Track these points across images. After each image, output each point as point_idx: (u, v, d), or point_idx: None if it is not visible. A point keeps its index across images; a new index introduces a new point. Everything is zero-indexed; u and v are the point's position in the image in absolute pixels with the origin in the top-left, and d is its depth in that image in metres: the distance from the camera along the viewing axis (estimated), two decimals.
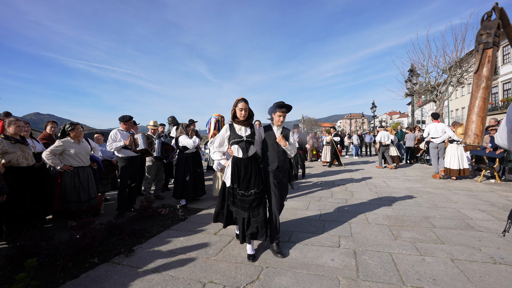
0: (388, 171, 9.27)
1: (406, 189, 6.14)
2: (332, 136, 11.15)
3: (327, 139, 11.41)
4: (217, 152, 3.03)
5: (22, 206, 3.45)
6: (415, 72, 13.34)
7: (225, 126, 2.95)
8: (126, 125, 4.68)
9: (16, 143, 3.42)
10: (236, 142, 2.84)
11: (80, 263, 2.83)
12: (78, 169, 3.88)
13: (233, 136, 2.85)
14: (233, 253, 3.01)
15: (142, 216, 4.27)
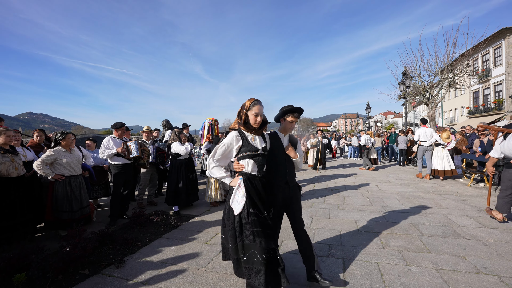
0: (381, 174, 9.38)
1: (398, 193, 6.23)
2: (321, 138, 10.91)
3: (312, 142, 11.21)
4: (217, 167, 2.33)
5: (12, 216, 3.44)
6: (408, 75, 13.50)
7: (233, 134, 2.29)
8: (118, 131, 4.68)
9: (5, 153, 3.40)
10: (250, 156, 2.27)
11: (70, 275, 2.84)
12: (70, 178, 3.87)
13: (246, 148, 2.27)
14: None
15: (134, 223, 4.28)
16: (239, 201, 2.20)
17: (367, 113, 23.58)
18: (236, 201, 2.22)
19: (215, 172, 2.32)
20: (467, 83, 13.47)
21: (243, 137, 2.30)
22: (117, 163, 4.58)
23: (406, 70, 13.68)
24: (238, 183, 2.26)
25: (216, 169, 2.33)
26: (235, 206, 2.21)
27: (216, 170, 2.32)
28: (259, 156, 2.30)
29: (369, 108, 22.64)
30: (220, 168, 2.32)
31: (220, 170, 2.32)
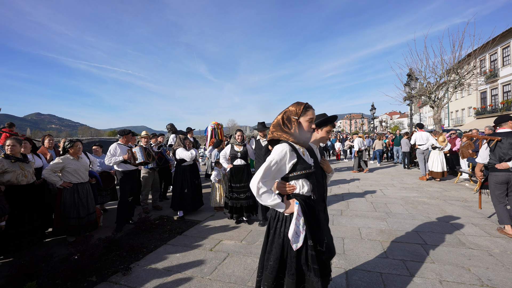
0: (385, 177, 9.33)
1: (402, 199, 6.21)
2: None
3: None
4: (268, 192, 1.73)
5: (21, 224, 3.53)
6: (413, 77, 13.39)
7: (285, 147, 1.77)
8: (125, 138, 4.76)
9: (16, 161, 3.50)
10: (305, 175, 1.82)
11: (78, 282, 2.91)
12: (77, 185, 3.96)
13: (302, 165, 1.80)
14: (227, 271, 3.08)
15: (140, 229, 4.35)
16: (299, 233, 1.75)
17: (372, 114, 23.44)
18: (296, 233, 1.74)
19: (266, 198, 1.73)
20: (474, 85, 13.31)
21: (296, 151, 1.82)
22: (124, 169, 4.66)
23: (411, 72, 13.58)
24: (297, 211, 1.77)
25: (266, 195, 1.73)
26: (294, 239, 1.73)
27: (267, 196, 1.73)
28: (313, 174, 1.86)
29: (374, 109, 22.49)
30: (271, 194, 1.74)
31: (272, 195, 1.74)
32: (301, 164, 1.80)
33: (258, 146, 4.87)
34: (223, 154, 4.92)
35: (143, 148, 4.86)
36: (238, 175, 4.72)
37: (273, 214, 1.89)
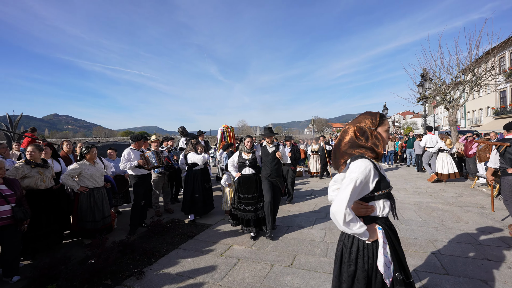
0: (398, 181, 9.15)
1: (415, 204, 6.08)
2: (324, 144, 10.12)
3: (314, 147, 10.45)
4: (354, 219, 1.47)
5: (39, 227, 3.69)
6: (427, 77, 13.05)
7: (367, 165, 1.53)
8: (137, 144, 4.89)
9: (35, 167, 3.66)
10: (386, 195, 1.61)
11: (95, 285, 3.02)
12: (93, 190, 4.10)
13: (385, 183, 1.61)
14: (238, 278, 3.12)
15: (152, 232, 4.46)
16: (389, 264, 1.51)
17: (384, 114, 23.01)
18: (386, 265, 1.49)
19: (352, 226, 1.46)
20: (492, 86, 12.83)
21: (376, 168, 1.59)
22: (137, 174, 4.79)
23: (425, 72, 13.24)
24: (381, 237, 1.53)
25: (353, 222, 1.46)
26: (386, 272, 1.48)
27: (354, 224, 1.46)
28: (390, 193, 1.65)
29: (386, 109, 22.09)
30: (357, 220, 1.47)
31: (358, 222, 1.48)
32: (383, 182, 1.59)
33: (264, 152, 4.52)
34: (231, 162, 4.60)
35: (155, 153, 4.97)
36: (246, 185, 4.37)
37: (348, 243, 1.62)
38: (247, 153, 4.49)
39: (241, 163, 4.47)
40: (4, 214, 3.04)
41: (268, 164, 4.40)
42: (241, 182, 4.40)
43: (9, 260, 3.14)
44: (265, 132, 4.65)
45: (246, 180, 4.39)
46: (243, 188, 4.39)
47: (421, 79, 13.49)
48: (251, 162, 4.45)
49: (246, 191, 4.38)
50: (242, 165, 4.46)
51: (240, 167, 4.49)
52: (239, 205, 4.42)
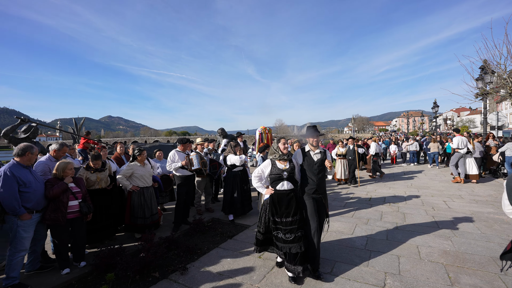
0: (451, 187, 8.30)
1: (473, 214, 5.46)
2: (355, 147, 9.12)
3: (341, 150, 9.24)
4: None
5: (96, 221, 4.16)
6: (488, 70, 11.56)
7: None
8: (183, 146, 5.22)
9: (94, 172, 4.16)
10: None
11: (145, 276, 3.32)
12: (143, 189, 4.50)
13: None
14: (276, 281, 3.16)
15: (194, 231, 4.72)
16: None
17: (434, 112, 20.98)
18: None
19: None
20: None
21: None
22: (181, 174, 5.12)
23: (486, 64, 11.74)
24: None
25: None
26: None
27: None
28: None
29: (437, 106, 20.12)
30: None
31: None
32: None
33: (308, 160, 3.33)
34: (257, 176, 3.42)
35: (199, 156, 5.25)
36: (283, 204, 3.21)
37: None
38: (283, 161, 3.29)
39: (276, 175, 3.23)
40: (73, 208, 3.51)
41: (313, 176, 3.27)
42: (277, 201, 3.22)
43: (77, 247, 3.64)
44: (307, 131, 3.41)
45: (284, 198, 3.21)
46: (280, 209, 3.21)
47: (480, 72, 12.02)
48: (290, 173, 3.28)
49: (286, 214, 3.19)
50: (277, 178, 3.23)
51: (274, 180, 3.26)
52: (277, 232, 3.24)
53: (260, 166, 3.47)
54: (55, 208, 3.36)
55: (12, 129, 5.70)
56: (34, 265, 3.47)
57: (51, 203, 3.37)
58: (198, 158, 5.14)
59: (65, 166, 3.51)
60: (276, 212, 3.23)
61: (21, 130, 5.94)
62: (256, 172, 3.46)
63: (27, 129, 5.87)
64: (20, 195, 3.10)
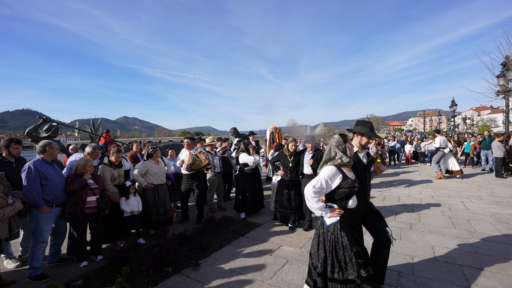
0: (470, 187, 8.01)
1: (492, 216, 5.26)
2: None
3: None
4: None
5: (113, 217, 4.30)
6: (511, 66, 11.06)
7: None
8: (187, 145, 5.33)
9: (116, 168, 4.32)
10: None
11: (158, 271, 3.41)
12: (157, 186, 4.62)
13: None
14: (286, 279, 3.17)
15: (207, 228, 4.80)
16: None
17: (452, 111, 20.27)
18: None
19: None
20: None
21: None
22: (185, 172, 5.28)
23: (508, 61, 11.23)
24: None
25: None
26: None
27: None
28: None
29: (455, 105, 19.44)
30: None
31: None
32: None
33: (356, 165, 2.69)
34: (318, 189, 2.29)
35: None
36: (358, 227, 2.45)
37: None
38: (349, 169, 2.46)
39: (349, 188, 2.33)
40: (91, 203, 3.66)
41: (365, 181, 2.71)
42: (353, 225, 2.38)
43: (95, 242, 3.78)
44: (361, 126, 2.83)
45: (355, 218, 2.44)
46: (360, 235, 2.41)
47: (502, 69, 11.51)
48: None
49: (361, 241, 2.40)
50: (349, 192, 2.34)
51: (343, 197, 2.35)
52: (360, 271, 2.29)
53: (321, 177, 2.32)
54: (74, 203, 3.52)
55: (35, 128, 5.99)
56: (55, 258, 3.64)
57: (71, 198, 3.54)
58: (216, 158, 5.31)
59: (85, 163, 3.67)
60: (356, 240, 2.31)
61: (43, 129, 6.23)
62: (313, 187, 2.28)
63: (48, 128, 6.15)
64: (41, 188, 3.30)
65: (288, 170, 4.78)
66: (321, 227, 2.39)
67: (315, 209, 2.31)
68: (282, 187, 4.86)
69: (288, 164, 4.79)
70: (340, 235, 2.27)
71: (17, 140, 3.63)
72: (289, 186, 4.80)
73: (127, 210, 4.27)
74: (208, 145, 6.02)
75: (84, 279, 3.32)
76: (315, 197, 2.28)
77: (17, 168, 3.56)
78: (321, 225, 2.39)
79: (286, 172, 4.80)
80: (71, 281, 3.25)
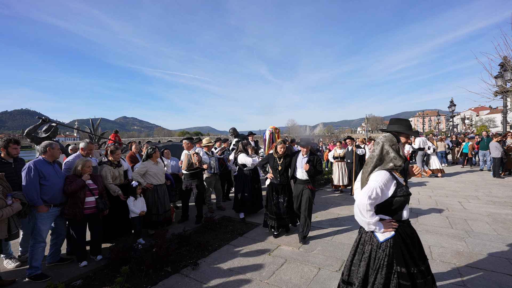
0: (467, 187, 8.05)
1: (489, 215, 5.30)
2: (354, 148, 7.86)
3: (339, 152, 8.06)
4: None
5: (114, 217, 4.32)
6: (508, 67, 11.12)
7: None
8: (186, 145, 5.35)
9: (116, 167, 4.33)
10: None
11: (158, 270, 3.43)
12: (157, 186, 4.64)
13: None
14: (285, 278, 3.20)
15: (206, 228, 4.82)
16: None
17: (451, 111, 20.34)
18: None
19: None
20: None
21: None
22: (186, 172, 5.29)
23: (506, 61, 11.29)
24: None
25: None
26: None
27: None
28: None
29: (453, 105, 19.52)
30: None
31: None
32: None
33: None
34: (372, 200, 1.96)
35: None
36: (416, 242, 2.15)
37: None
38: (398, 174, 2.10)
39: (403, 196, 2.00)
40: (90, 204, 3.67)
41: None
42: (410, 240, 2.07)
43: (94, 242, 3.80)
44: (396, 123, 2.54)
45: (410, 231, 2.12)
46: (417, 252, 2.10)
47: (500, 69, 11.58)
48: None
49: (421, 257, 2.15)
50: (403, 202, 2.03)
51: (397, 207, 2.04)
52: None
53: (375, 185, 1.96)
54: (73, 203, 3.53)
55: (34, 128, 5.99)
56: (55, 258, 3.66)
57: (70, 198, 3.55)
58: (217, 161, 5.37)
59: (84, 164, 3.69)
60: (412, 258, 2.00)
61: (42, 130, 6.23)
62: (369, 198, 1.95)
63: (48, 129, 6.15)
64: (39, 187, 3.33)
65: (277, 173, 4.50)
66: (368, 242, 2.06)
67: (368, 224, 1.98)
68: (272, 191, 4.59)
69: (277, 167, 4.50)
70: (391, 253, 1.95)
71: (16, 140, 3.64)
72: (279, 190, 4.54)
73: (137, 211, 4.24)
74: (205, 146, 6.03)
75: (83, 279, 3.34)
76: (370, 210, 1.95)
77: (16, 168, 3.58)
78: (370, 241, 2.06)
79: (275, 176, 4.53)
80: (71, 280, 3.27)
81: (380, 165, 2.03)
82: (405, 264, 1.94)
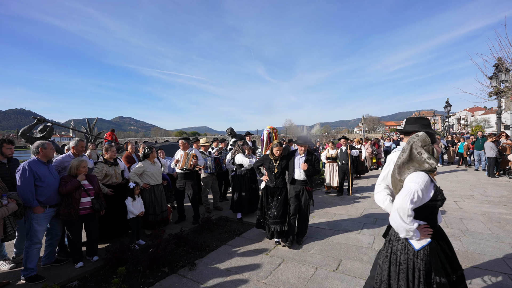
0: (463, 187, 8.13)
1: (484, 215, 5.36)
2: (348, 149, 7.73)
3: (331, 153, 7.87)
4: None
5: (110, 217, 4.29)
6: (502, 68, 11.25)
7: None
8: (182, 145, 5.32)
9: (112, 165, 4.30)
10: None
11: (154, 271, 3.42)
12: (154, 186, 4.62)
13: None
14: (282, 278, 3.20)
15: (203, 228, 4.81)
16: None
17: (447, 111, 20.51)
18: None
19: None
20: None
21: None
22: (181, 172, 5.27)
23: (500, 62, 11.42)
24: None
25: None
26: None
27: None
28: None
29: (449, 106, 19.69)
30: None
31: None
32: None
33: None
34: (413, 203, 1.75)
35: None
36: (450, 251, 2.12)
37: None
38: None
39: (440, 201, 1.89)
40: (86, 204, 3.64)
41: None
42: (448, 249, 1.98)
43: (90, 242, 3.77)
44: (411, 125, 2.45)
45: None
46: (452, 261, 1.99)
47: (494, 70, 11.71)
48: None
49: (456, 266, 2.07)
50: (437, 206, 1.90)
51: (431, 212, 1.94)
52: None
53: (415, 187, 1.78)
54: (68, 204, 3.50)
55: (29, 128, 5.93)
56: (50, 259, 3.62)
57: (65, 199, 3.52)
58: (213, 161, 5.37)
59: (79, 164, 3.65)
60: (450, 264, 1.89)
61: (37, 130, 6.17)
62: (411, 202, 1.76)
63: (43, 129, 6.09)
64: (35, 188, 3.28)
65: (273, 176, 4.22)
66: (403, 251, 1.88)
67: (407, 230, 1.77)
68: (266, 194, 4.34)
69: (273, 170, 4.19)
70: (429, 261, 1.80)
71: (10, 140, 3.60)
72: (274, 194, 4.27)
73: (135, 212, 4.21)
74: (202, 146, 6.01)
75: (79, 280, 3.31)
76: (411, 214, 1.75)
77: (10, 169, 3.54)
78: (404, 249, 1.87)
79: (271, 178, 4.24)
80: (66, 282, 3.23)
81: (414, 166, 1.87)
82: (445, 273, 1.79)
